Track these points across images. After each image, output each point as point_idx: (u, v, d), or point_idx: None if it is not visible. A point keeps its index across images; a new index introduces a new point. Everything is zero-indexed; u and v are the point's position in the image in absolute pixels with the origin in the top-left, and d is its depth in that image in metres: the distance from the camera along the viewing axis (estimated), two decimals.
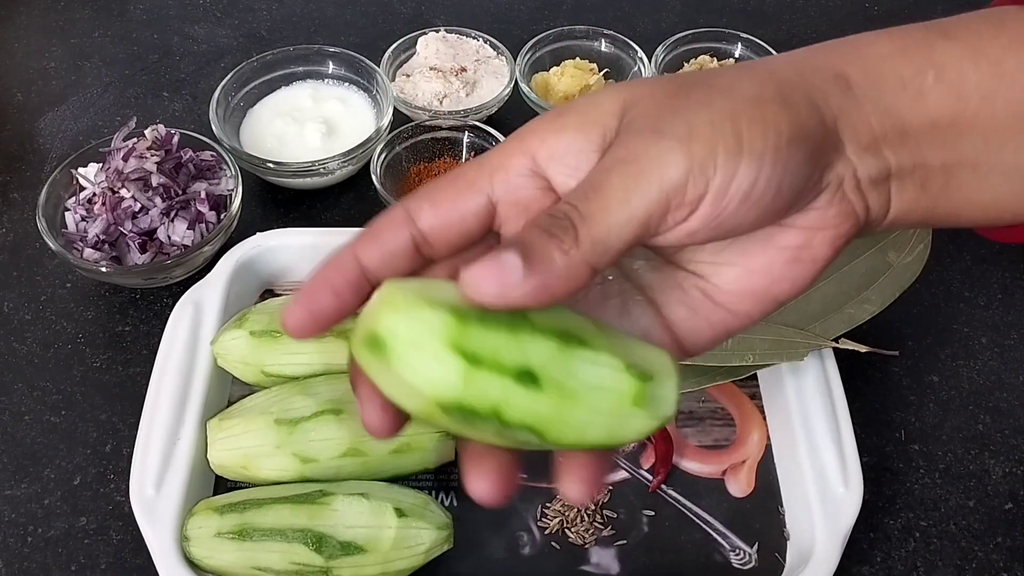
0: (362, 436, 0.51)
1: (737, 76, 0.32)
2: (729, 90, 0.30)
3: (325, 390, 0.53)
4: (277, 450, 0.51)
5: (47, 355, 0.64)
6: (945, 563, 0.56)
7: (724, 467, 0.59)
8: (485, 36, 0.83)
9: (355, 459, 0.52)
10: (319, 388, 0.53)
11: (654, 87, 0.32)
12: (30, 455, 0.59)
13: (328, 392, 0.53)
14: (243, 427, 0.53)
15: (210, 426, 0.54)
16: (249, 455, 0.52)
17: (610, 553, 0.55)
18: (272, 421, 0.52)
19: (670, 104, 0.30)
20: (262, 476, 0.52)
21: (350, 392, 0.52)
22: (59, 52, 0.87)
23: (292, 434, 0.51)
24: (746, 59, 0.83)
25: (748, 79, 0.31)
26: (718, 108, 0.30)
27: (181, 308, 0.60)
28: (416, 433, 0.52)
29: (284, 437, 0.51)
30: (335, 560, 0.49)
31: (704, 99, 0.30)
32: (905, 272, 0.60)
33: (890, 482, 0.60)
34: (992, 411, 0.63)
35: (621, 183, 0.29)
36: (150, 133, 0.68)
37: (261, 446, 0.52)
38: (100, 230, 0.65)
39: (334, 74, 0.80)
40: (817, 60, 0.33)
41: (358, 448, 0.51)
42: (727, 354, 0.60)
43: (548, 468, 0.58)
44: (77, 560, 0.55)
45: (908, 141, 0.32)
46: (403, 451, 0.52)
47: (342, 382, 0.54)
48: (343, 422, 0.51)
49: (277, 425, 0.52)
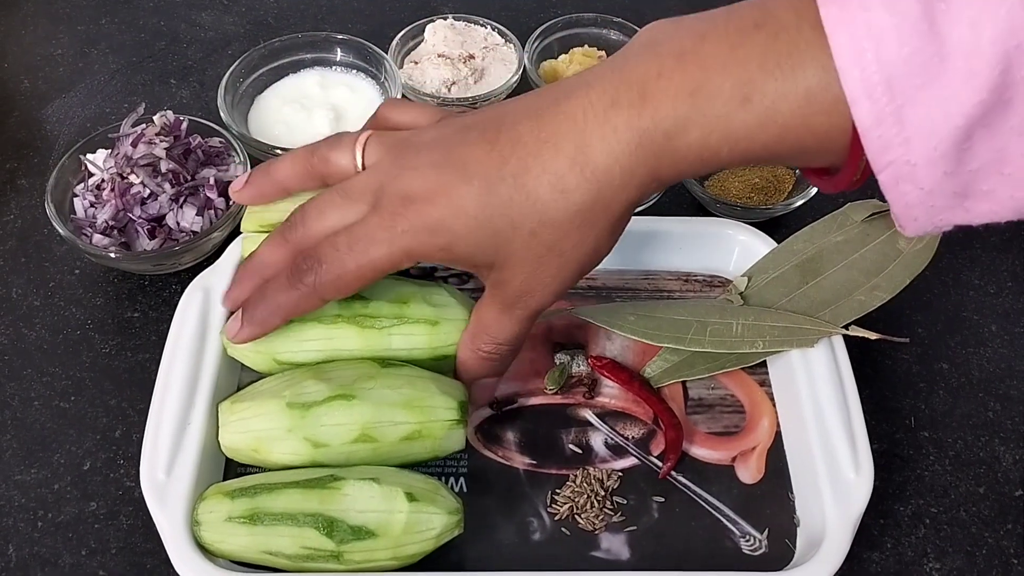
0: (374, 422, 0.51)
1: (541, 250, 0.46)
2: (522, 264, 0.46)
3: (338, 375, 0.53)
4: (289, 434, 0.51)
5: (56, 341, 0.64)
6: (955, 549, 0.56)
7: (734, 454, 0.59)
8: (493, 23, 0.83)
9: (366, 445, 0.52)
10: (332, 373, 0.53)
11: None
12: (40, 440, 0.59)
13: (341, 377, 0.53)
14: (255, 410, 0.52)
15: (221, 409, 0.54)
16: (261, 438, 0.52)
17: (620, 539, 0.55)
18: (284, 404, 0.52)
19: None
20: (273, 460, 0.52)
21: (363, 378, 0.52)
22: (66, 39, 0.87)
23: (304, 418, 0.51)
24: None
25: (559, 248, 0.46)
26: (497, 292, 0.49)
27: (190, 294, 0.60)
28: (428, 421, 0.52)
29: (296, 421, 0.51)
30: (346, 545, 0.48)
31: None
32: (915, 259, 0.60)
33: (900, 469, 0.60)
34: (1002, 398, 0.63)
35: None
36: (159, 119, 0.68)
37: (273, 429, 0.52)
38: (109, 216, 0.65)
39: (342, 61, 0.79)
40: (636, 162, 0.43)
41: (369, 434, 0.51)
42: (736, 341, 0.60)
43: (558, 454, 0.58)
44: (87, 545, 0.55)
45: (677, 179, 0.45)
46: (414, 438, 0.52)
47: (355, 368, 0.54)
48: (355, 408, 0.51)
49: (289, 409, 0.51)
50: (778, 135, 0.39)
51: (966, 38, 0.34)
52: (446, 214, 0.45)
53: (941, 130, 0.36)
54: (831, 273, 0.61)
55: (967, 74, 0.34)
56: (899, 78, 0.35)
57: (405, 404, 0.52)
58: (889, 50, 0.35)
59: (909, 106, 0.36)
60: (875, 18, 0.35)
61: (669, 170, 0.43)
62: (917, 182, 0.37)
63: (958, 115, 0.35)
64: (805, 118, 0.39)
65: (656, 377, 0.61)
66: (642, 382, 0.61)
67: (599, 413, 0.60)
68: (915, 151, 0.36)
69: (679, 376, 0.61)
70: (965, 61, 0.34)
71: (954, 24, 0.34)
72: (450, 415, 0.53)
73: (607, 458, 0.58)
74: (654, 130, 0.41)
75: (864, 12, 0.35)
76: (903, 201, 0.39)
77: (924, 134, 0.36)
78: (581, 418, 0.60)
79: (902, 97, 0.35)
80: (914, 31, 0.35)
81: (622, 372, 0.61)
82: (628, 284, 0.66)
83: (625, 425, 0.60)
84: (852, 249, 0.61)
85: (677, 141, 0.41)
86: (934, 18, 0.35)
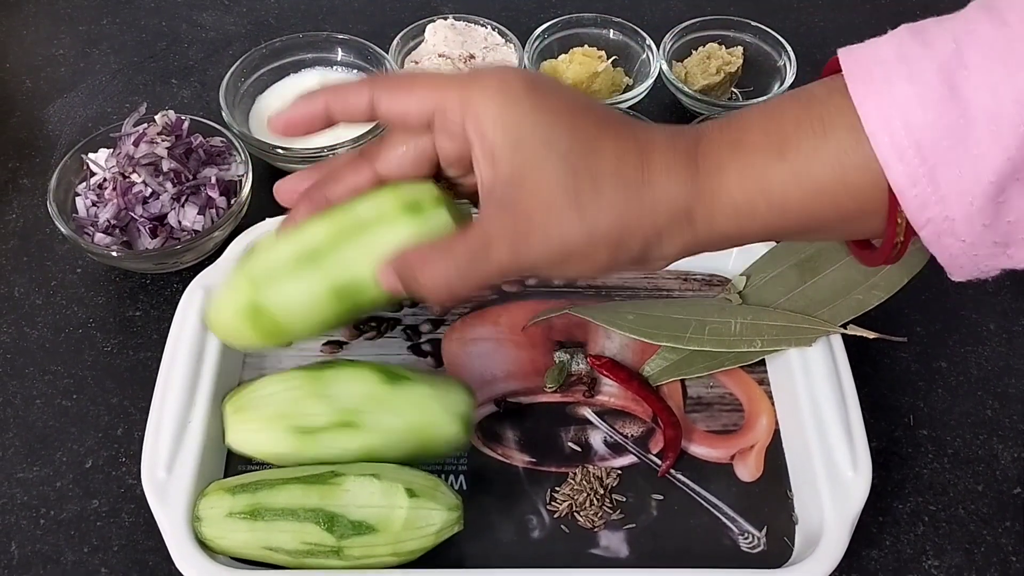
0: (378, 447, 0.52)
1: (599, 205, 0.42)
2: (581, 219, 0.41)
3: (339, 391, 0.53)
4: (296, 454, 0.52)
5: (58, 339, 0.65)
6: (954, 547, 0.57)
7: (732, 452, 0.59)
8: (493, 23, 0.83)
9: (371, 462, 0.53)
10: (333, 388, 0.53)
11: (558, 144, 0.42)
12: (42, 438, 0.60)
13: (343, 396, 0.53)
14: (259, 425, 0.53)
15: (226, 412, 0.55)
16: (268, 455, 0.53)
17: (619, 536, 0.55)
18: (289, 427, 0.52)
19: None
20: (280, 472, 0.53)
21: (367, 401, 0.53)
22: (67, 39, 0.87)
23: (309, 444, 0.52)
24: (755, 48, 0.83)
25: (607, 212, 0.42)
26: (555, 236, 0.41)
27: (191, 293, 0.61)
28: (431, 441, 0.53)
29: (302, 446, 0.52)
30: (346, 540, 0.49)
31: (551, 220, 0.42)
32: (914, 258, 0.60)
33: (899, 467, 0.60)
34: (1000, 396, 0.63)
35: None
36: (160, 119, 0.69)
37: (279, 452, 0.53)
38: (111, 215, 0.65)
39: (343, 61, 0.80)
40: (675, 193, 0.42)
41: (374, 455, 0.53)
42: (735, 339, 0.60)
43: (557, 453, 0.58)
44: (89, 542, 0.55)
45: (726, 241, 0.44)
46: (418, 454, 0.54)
47: (357, 383, 0.54)
48: (360, 436, 0.52)
49: (294, 434, 0.52)
50: (814, 192, 0.40)
51: (988, 101, 0.36)
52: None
53: (974, 187, 0.37)
54: (829, 272, 0.61)
55: (993, 134, 0.36)
56: (927, 141, 0.37)
57: (409, 430, 0.53)
58: (915, 116, 0.37)
59: (941, 166, 0.37)
60: (899, 89, 0.37)
61: (704, 222, 0.42)
62: (957, 235, 0.39)
63: (989, 171, 0.36)
64: (840, 174, 0.40)
65: (655, 376, 0.61)
66: (641, 381, 0.61)
67: (598, 411, 0.60)
68: (952, 207, 0.38)
69: (678, 375, 0.61)
70: (989, 122, 0.36)
71: (976, 89, 0.36)
72: (453, 432, 0.53)
73: (606, 456, 0.58)
74: (697, 174, 0.42)
75: (888, 85, 0.37)
76: (947, 253, 0.40)
77: (958, 192, 0.37)
78: (580, 416, 0.60)
79: (933, 158, 0.37)
80: (937, 98, 0.36)
81: (621, 371, 0.61)
82: (627, 283, 0.67)
83: (624, 423, 0.60)
84: None
85: (713, 181, 0.42)
86: (955, 84, 0.36)
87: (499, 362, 0.62)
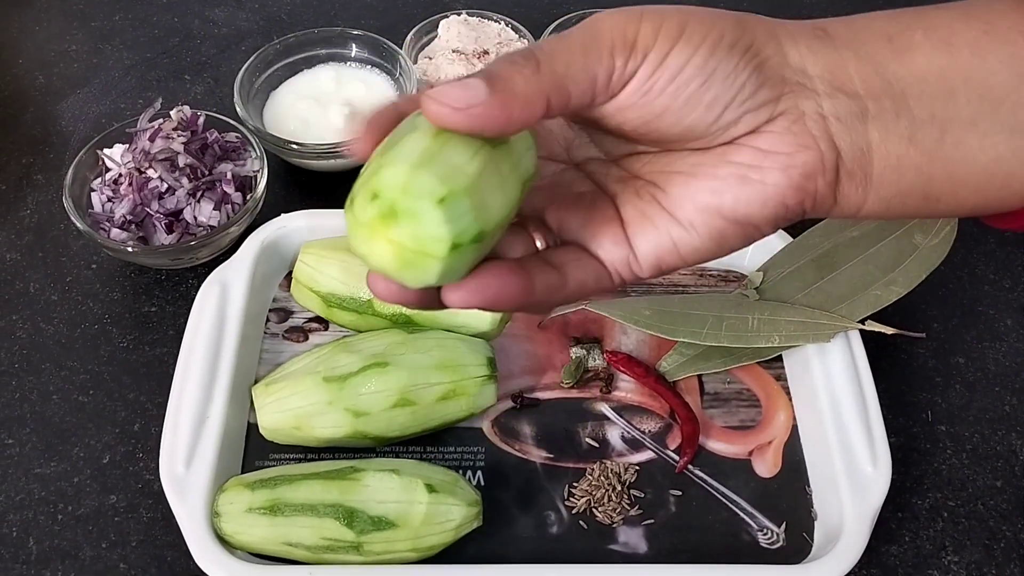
0: (410, 385, 0.53)
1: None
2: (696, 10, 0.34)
3: (366, 346, 0.55)
4: (329, 407, 0.52)
5: (74, 335, 0.65)
6: (973, 543, 0.56)
7: (751, 447, 0.59)
8: (506, 19, 0.83)
9: (405, 409, 0.54)
10: (361, 344, 0.55)
11: None
12: (59, 434, 0.60)
13: (369, 347, 0.55)
14: (291, 389, 0.53)
15: (256, 393, 0.55)
16: (301, 415, 0.53)
17: (637, 532, 0.55)
18: (320, 380, 0.53)
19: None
20: (316, 435, 0.53)
21: (393, 346, 0.54)
22: (80, 35, 0.87)
23: (343, 390, 0.53)
24: None
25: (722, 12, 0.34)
26: (673, 9, 0.33)
27: (207, 288, 0.61)
28: (462, 379, 0.55)
29: (335, 393, 0.53)
30: (366, 535, 0.49)
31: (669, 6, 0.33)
32: (931, 254, 0.60)
33: (917, 462, 0.60)
34: (1018, 392, 0.63)
35: (581, 38, 0.32)
36: (176, 114, 0.69)
37: (313, 404, 0.53)
38: (127, 210, 0.65)
39: (357, 57, 0.79)
40: (798, 22, 0.35)
41: (407, 398, 0.53)
42: (752, 335, 0.60)
43: (575, 448, 0.58)
44: (108, 537, 0.55)
45: (891, 90, 0.33)
46: (450, 397, 0.55)
47: (381, 337, 0.56)
48: (391, 374, 0.53)
49: (326, 383, 0.53)
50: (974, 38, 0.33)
51: None
52: None
53: None
54: (847, 268, 0.61)
55: None
56: None
57: (438, 366, 0.54)
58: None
59: None
60: None
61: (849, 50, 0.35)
62: None
63: None
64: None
65: (672, 371, 0.61)
66: (658, 376, 0.61)
67: (615, 407, 0.60)
68: None
69: (695, 370, 0.61)
70: None
71: None
72: (481, 371, 0.56)
73: (624, 452, 0.58)
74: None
75: None
76: None
77: None
78: (597, 412, 0.60)
79: None
80: None
81: (638, 366, 0.61)
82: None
83: (641, 419, 0.60)
84: (868, 244, 0.61)
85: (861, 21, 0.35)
86: None
87: (516, 358, 0.62)
